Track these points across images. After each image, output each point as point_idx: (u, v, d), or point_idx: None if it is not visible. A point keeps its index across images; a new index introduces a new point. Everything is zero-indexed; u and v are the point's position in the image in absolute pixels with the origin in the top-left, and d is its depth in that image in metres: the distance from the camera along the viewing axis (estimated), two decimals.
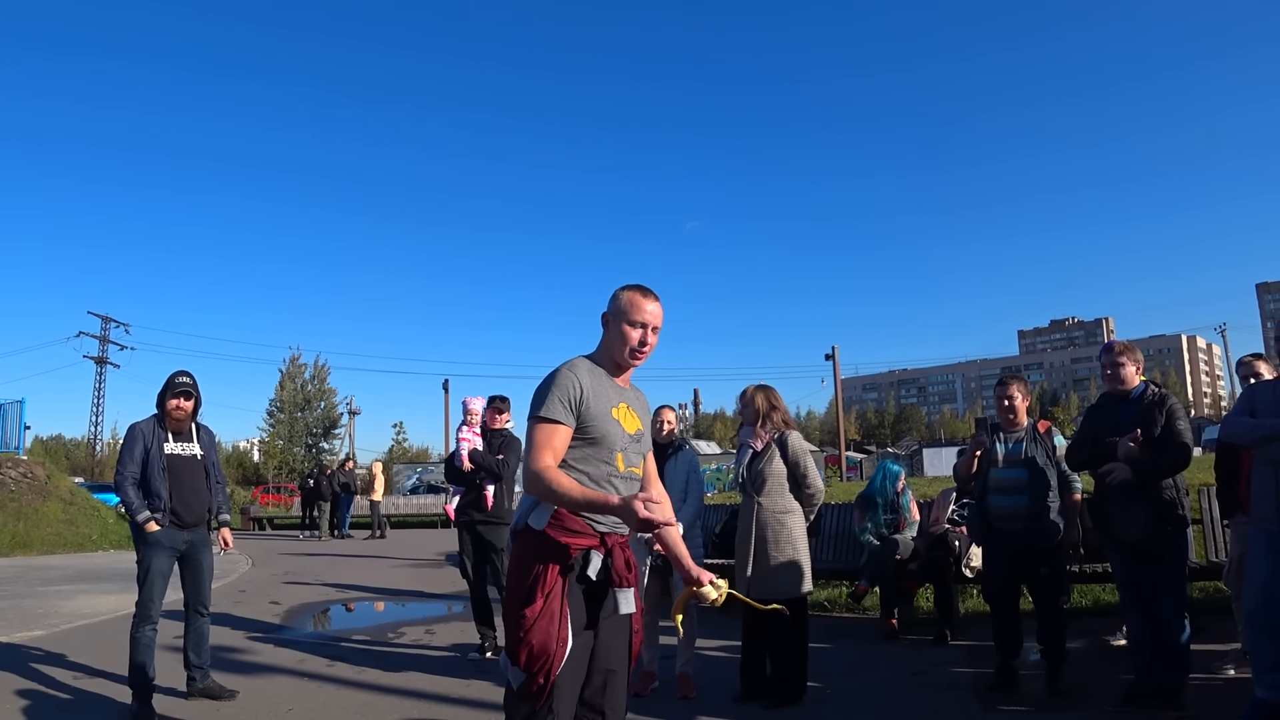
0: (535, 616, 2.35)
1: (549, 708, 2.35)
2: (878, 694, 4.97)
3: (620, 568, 2.47)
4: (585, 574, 2.44)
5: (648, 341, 2.62)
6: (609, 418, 2.55)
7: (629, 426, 2.62)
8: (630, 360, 2.63)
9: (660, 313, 2.64)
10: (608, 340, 2.68)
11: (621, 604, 2.47)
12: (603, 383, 2.60)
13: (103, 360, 59.66)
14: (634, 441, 2.63)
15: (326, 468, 24.56)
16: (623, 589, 2.48)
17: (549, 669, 2.34)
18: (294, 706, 4.91)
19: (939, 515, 6.91)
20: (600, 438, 2.52)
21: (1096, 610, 6.83)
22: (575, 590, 2.44)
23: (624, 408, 2.63)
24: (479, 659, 6.08)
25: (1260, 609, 3.89)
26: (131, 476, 4.85)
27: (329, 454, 53.71)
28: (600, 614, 2.48)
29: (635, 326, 2.60)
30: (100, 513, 18.86)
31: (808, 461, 5.01)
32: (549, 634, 2.34)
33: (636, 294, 2.63)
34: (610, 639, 2.51)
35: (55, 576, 11.84)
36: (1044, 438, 4.88)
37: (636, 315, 2.60)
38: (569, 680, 2.40)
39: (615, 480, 2.55)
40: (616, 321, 2.63)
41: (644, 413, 2.76)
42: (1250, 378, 4.68)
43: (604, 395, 2.57)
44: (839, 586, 8.06)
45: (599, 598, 2.47)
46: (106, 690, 5.25)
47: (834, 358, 41.52)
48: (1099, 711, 4.32)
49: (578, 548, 2.45)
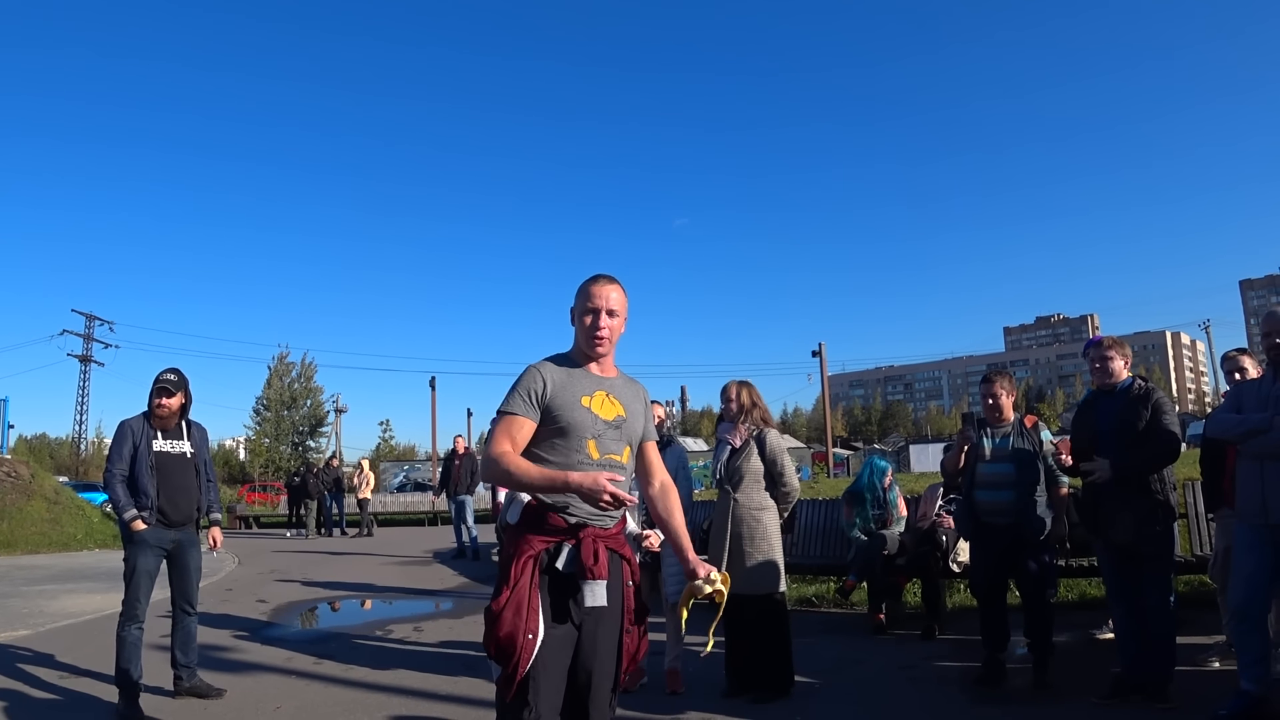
0: (501, 608, 2.37)
1: (524, 700, 2.36)
2: (865, 688, 4.99)
3: (588, 559, 2.45)
4: (554, 566, 2.45)
5: (601, 325, 2.63)
6: (578, 406, 2.57)
7: (605, 414, 2.62)
8: (592, 347, 2.66)
9: (613, 294, 2.66)
10: (575, 334, 2.72)
11: (589, 596, 2.45)
12: (573, 375, 2.64)
13: (87, 358, 59.21)
14: (611, 428, 2.63)
15: (313, 466, 24.45)
16: (591, 581, 2.46)
17: (518, 660, 2.34)
18: (282, 705, 4.89)
19: (926, 510, 6.94)
20: (567, 426, 2.55)
21: (1083, 604, 6.87)
22: (546, 584, 2.45)
23: (601, 395, 2.64)
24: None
25: (1245, 602, 3.93)
26: (120, 474, 4.82)
27: (315, 452, 53.52)
28: (573, 609, 2.47)
29: (588, 313, 2.64)
30: (85, 512, 18.70)
31: (785, 460, 5.03)
32: (515, 626, 2.35)
33: (589, 282, 2.69)
34: (593, 636, 2.50)
35: (40, 576, 11.74)
36: (1030, 432, 4.91)
37: (588, 301, 2.65)
38: (547, 673, 2.39)
39: (587, 467, 2.54)
40: (576, 313, 2.69)
41: (633, 400, 2.74)
42: (1235, 372, 4.71)
43: (574, 386, 2.60)
44: (827, 582, 8.08)
45: (572, 591, 2.47)
46: (93, 690, 5.22)
47: (821, 354, 41.63)
48: (1086, 704, 4.35)
49: (548, 541, 2.47)
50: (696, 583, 2.65)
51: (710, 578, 2.66)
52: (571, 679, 2.49)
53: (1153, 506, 4.36)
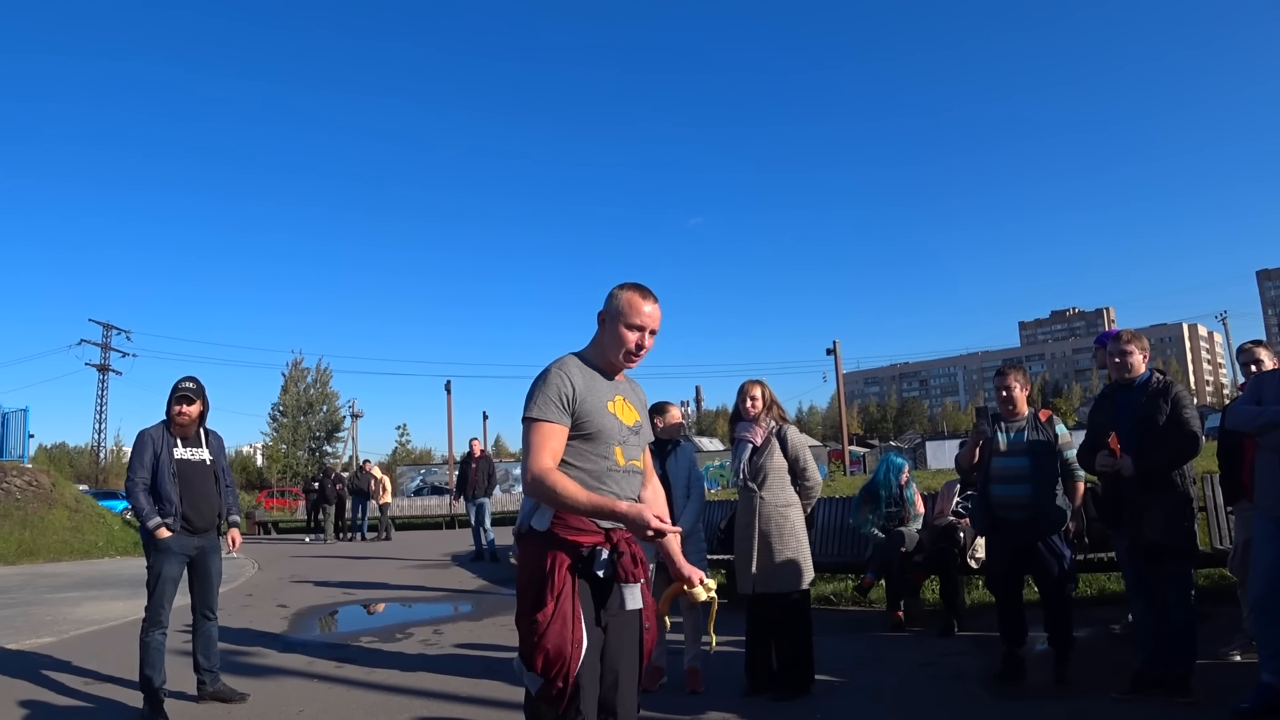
0: (548, 620, 2.34)
1: (575, 709, 2.35)
2: (885, 685, 4.98)
3: (627, 563, 2.46)
4: (592, 571, 2.43)
5: (644, 345, 2.57)
6: (605, 412, 2.53)
7: (627, 419, 2.60)
8: (625, 362, 2.60)
9: (658, 315, 2.59)
10: (601, 339, 2.63)
11: (628, 599, 2.46)
12: (595, 378, 2.57)
13: (105, 367, 59.86)
14: (633, 434, 2.61)
15: (331, 470, 24.60)
16: (629, 584, 2.46)
17: (567, 671, 2.33)
18: (304, 708, 4.93)
19: (943, 507, 6.92)
20: (596, 433, 2.50)
21: (1102, 599, 6.84)
22: (584, 589, 2.43)
23: (620, 400, 2.60)
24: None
25: (1265, 594, 3.92)
26: (142, 482, 4.86)
27: (332, 457, 53.79)
28: (605, 611, 2.46)
29: (632, 329, 2.55)
30: (105, 519, 18.88)
31: (807, 455, 5.03)
32: (564, 636, 2.33)
33: (635, 295, 2.57)
34: (618, 636, 2.49)
35: (62, 583, 11.87)
36: (1045, 426, 4.89)
37: (634, 318, 2.55)
38: (589, 679, 2.38)
39: (615, 475, 2.53)
40: (613, 322, 2.58)
41: (641, 406, 2.73)
42: (1251, 364, 4.67)
43: (598, 390, 2.55)
44: (845, 580, 8.07)
45: (605, 595, 2.46)
46: (117, 695, 5.27)
47: (835, 352, 41.47)
48: (1106, 699, 4.33)
49: (584, 546, 2.45)
50: (695, 589, 2.63)
51: (705, 583, 2.64)
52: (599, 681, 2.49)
53: (1179, 502, 4.33)
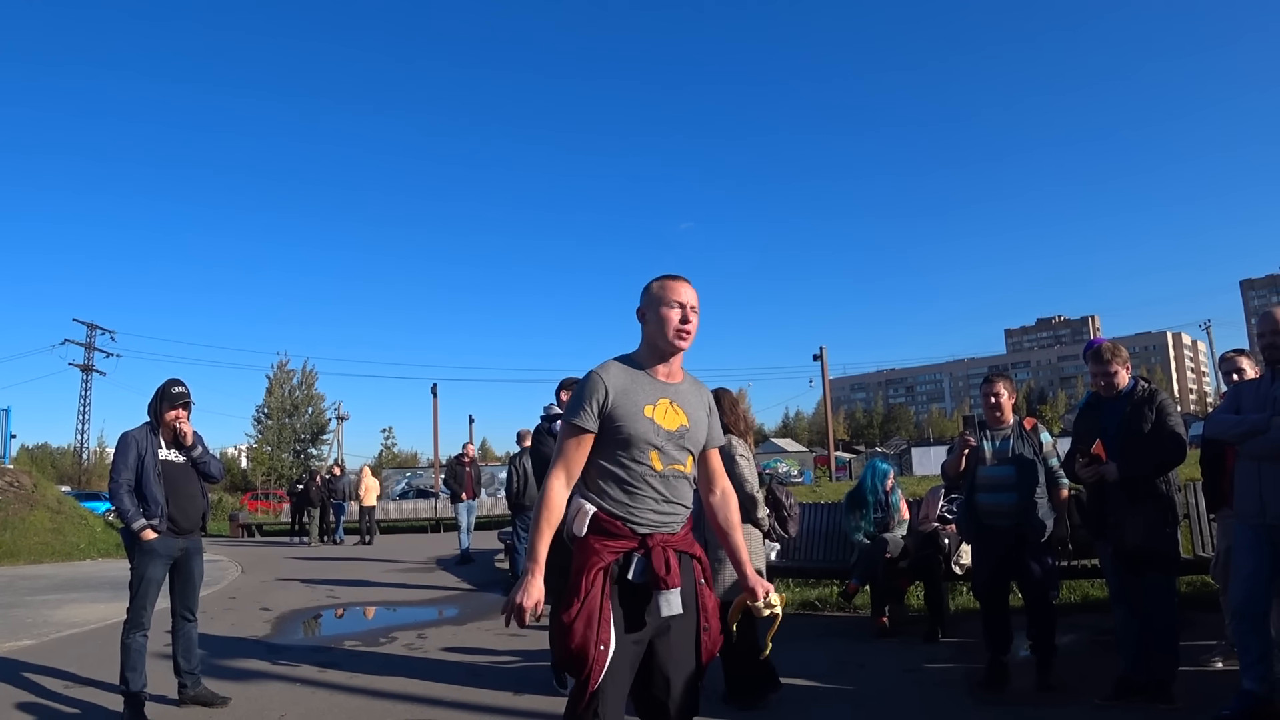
0: (571, 621, 2.36)
1: (593, 712, 2.35)
2: (869, 691, 4.99)
3: (660, 569, 2.43)
4: (625, 577, 2.44)
5: (689, 320, 2.59)
6: (640, 417, 2.51)
7: (668, 424, 2.57)
8: (676, 342, 2.58)
9: (695, 294, 2.62)
10: (648, 333, 2.63)
11: (664, 606, 2.44)
12: (638, 381, 2.57)
13: (88, 368, 59.40)
14: (674, 438, 2.57)
15: (316, 473, 24.46)
16: (665, 591, 2.44)
17: (590, 673, 2.34)
18: (286, 712, 4.90)
19: (928, 513, 6.95)
20: (629, 438, 2.49)
21: (1086, 606, 6.87)
22: (620, 596, 2.44)
23: (665, 404, 2.58)
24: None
25: (1246, 602, 3.94)
26: (126, 484, 4.81)
27: (317, 460, 53.50)
28: (648, 617, 2.46)
29: (673, 306, 2.58)
30: (88, 521, 18.71)
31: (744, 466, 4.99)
32: (586, 638, 2.34)
33: (667, 279, 2.64)
34: (672, 641, 2.49)
35: (43, 586, 11.76)
36: (1030, 434, 4.92)
37: (673, 295, 2.59)
38: (615, 684, 2.38)
39: (653, 480, 2.51)
40: (654, 309, 2.60)
41: (697, 407, 2.68)
42: (1233, 373, 4.71)
43: (637, 394, 2.54)
44: (830, 585, 8.09)
45: (644, 601, 2.46)
46: (98, 699, 5.23)
47: (822, 358, 41.64)
48: (1089, 705, 4.36)
49: (616, 551, 2.45)
50: (757, 604, 2.63)
51: (769, 600, 2.64)
52: (649, 685, 2.49)
53: (1161, 510, 4.37)
